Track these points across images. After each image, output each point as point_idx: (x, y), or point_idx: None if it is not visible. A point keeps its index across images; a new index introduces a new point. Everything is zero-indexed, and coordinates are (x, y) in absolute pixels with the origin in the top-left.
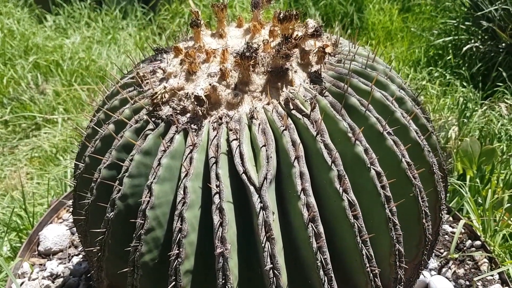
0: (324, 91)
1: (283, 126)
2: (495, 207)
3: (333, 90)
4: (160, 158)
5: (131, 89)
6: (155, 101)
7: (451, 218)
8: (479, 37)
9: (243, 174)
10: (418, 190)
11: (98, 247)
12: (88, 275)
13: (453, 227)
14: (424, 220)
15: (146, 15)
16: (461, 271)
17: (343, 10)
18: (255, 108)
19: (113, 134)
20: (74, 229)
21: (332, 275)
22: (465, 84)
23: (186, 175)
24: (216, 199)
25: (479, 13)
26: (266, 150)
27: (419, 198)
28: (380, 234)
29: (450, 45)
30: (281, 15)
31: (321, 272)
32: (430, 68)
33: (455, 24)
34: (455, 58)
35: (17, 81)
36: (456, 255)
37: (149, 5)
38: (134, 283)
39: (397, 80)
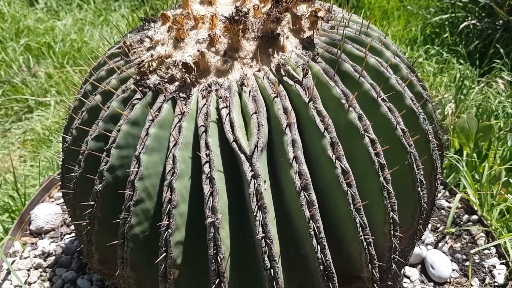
0: (317, 57)
1: (274, 93)
2: (492, 182)
3: (326, 56)
4: (148, 127)
5: (118, 59)
6: (142, 69)
7: (447, 193)
8: (476, 14)
9: (234, 142)
10: (413, 157)
11: (87, 221)
12: (80, 251)
13: (449, 202)
14: (419, 189)
15: None
16: (457, 245)
17: None
18: (246, 75)
19: (100, 105)
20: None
21: (325, 243)
22: (462, 61)
23: (175, 145)
24: (206, 168)
25: None
26: (257, 118)
27: (414, 166)
28: (374, 203)
29: (447, 23)
30: None
31: (314, 241)
32: (427, 46)
33: (452, 2)
34: (452, 36)
35: (9, 64)
36: (453, 230)
37: None
38: (124, 256)
39: (392, 47)
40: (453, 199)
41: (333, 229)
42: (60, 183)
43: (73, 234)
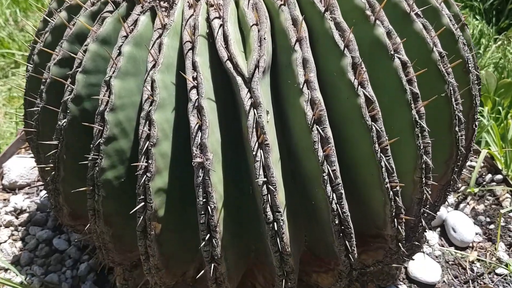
0: None
1: (281, 0)
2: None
3: None
4: (121, 45)
5: None
6: None
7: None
8: None
9: (228, 61)
10: (451, 89)
11: (52, 165)
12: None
13: (471, 161)
14: (457, 128)
15: None
16: (480, 207)
17: None
18: None
19: (65, 22)
20: None
21: (343, 191)
22: (478, 18)
23: (153, 66)
24: (193, 95)
25: None
26: (258, 30)
27: (453, 99)
28: (403, 142)
29: None
30: None
31: (328, 188)
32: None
33: None
34: None
35: None
36: (475, 190)
37: None
38: (95, 206)
39: None
40: (475, 157)
41: (351, 175)
42: (23, 119)
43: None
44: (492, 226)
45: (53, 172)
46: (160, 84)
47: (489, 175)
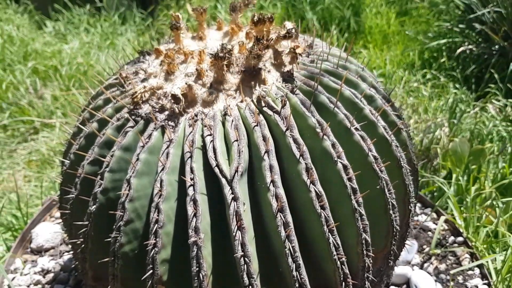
0: (295, 89)
1: (255, 122)
2: (480, 204)
3: (304, 89)
4: (139, 153)
5: (114, 89)
6: (135, 100)
7: (435, 215)
8: (473, 39)
9: (216, 167)
10: (384, 182)
11: (82, 239)
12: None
13: (436, 224)
14: (391, 212)
15: (144, 21)
16: (442, 266)
17: (340, 14)
18: (229, 105)
19: (96, 132)
20: None
21: (301, 262)
22: (458, 86)
23: (162, 169)
24: (190, 191)
25: (472, 16)
26: (238, 145)
27: (386, 190)
28: (347, 224)
29: (444, 47)
30: (255, 18)
31: (290, 259)
32: (425, 70)
33: (449, 27)
34: (449, 61)
35: (16, 86)
36: (438, 251)
37: (148, 11)
38: (115, 272)
39: (369, 79)
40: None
41: (310, 249)
42: (59, 203)
43: (71, 252)
44: (452, 283)
45: (83, 245)
46: (167, 182)
47: (452, 237)
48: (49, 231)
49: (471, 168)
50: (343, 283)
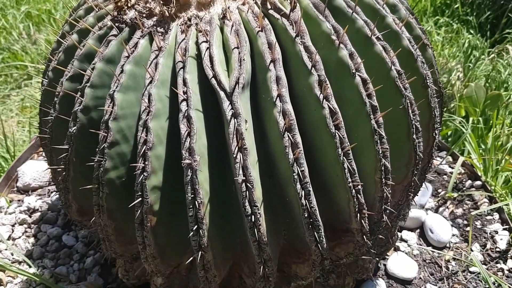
0: None
1: (259, 27)
2: (497, 149)
3: None
4: (123, 64)
5: None
6: (119, 4)
7: (450, 159)
8: None
9: (213, 78)
10: (408, 102)
11: (63, 166)
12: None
13: (452, 168)
14: (414, 136)
15: None
16: (459, 211)
17: None
18: (228, 7)
19: (76, 43)
20: None
21: (310, 189)
22: (472, 32)
23: (150, 82)
24: (183, 106)
25: None
26: (239, 53)
27: (410, 111)
28: (364, 148)
29: None
30: None
31: (298, 186)
32: (437, 17)
33: None
34: (463, 7)
35: (9, 31)
36: (454, 195)
37: None
38: (100, 202)
39: None
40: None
41: (320, 176)
42: (38, 127)
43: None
44: (468, 228)
45: (64, 173)
46: (156, 97)
47: (469, 181)
48: (37, 170)
49: (488, 113)
50: (358, 215)
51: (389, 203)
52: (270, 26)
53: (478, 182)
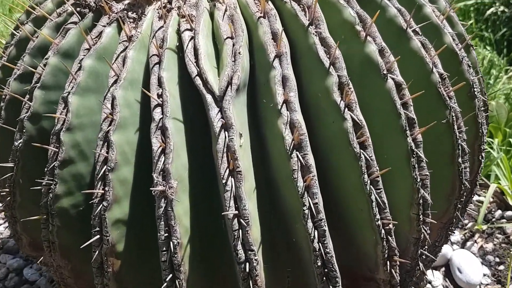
0: None
1: (260, 12)
2: None
3: None
4: (82, 59)
5: None
6: None
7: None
8: (504, 0)
9: (197, 77)
10: (453, 115)
11: (7, 189)
12: None
13: (479, 195)
14: (460, 159)
15: None
16: (489, 246)
17: None
18: None
19: (29, 35)
20: None
21: (326, 228)
22: (489, 48)
23: (115, 82)
24: (156, 114)
25: None
26: (234, 44)
27: (455, 126)
28: (397, 174)
29: (472, 9)
30: None
31: (309, 224)
32: None
33: None
34: (477, 24)
35: None
36: (484, 227)
37: None
38: (50, 237)
39: None
40: (484, 191)
41: (338, 208)
42: None
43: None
44: (501, 267)
45: (9, 198)
46: (122, 101)
47: (499, 211)
48: None
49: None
50: (387, 262)
51: (426, 247)
52: (275, 11)
53: (510, 213)
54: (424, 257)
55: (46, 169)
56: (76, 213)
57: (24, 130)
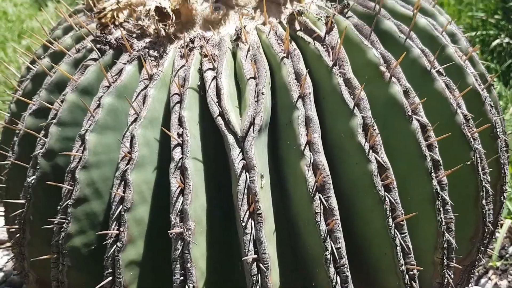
0: (347, 10)
1: (284, 52)
2: None
3: (360, 11)
4: (101, 96)
5: (80, 15)
6: (103, 20)
7: None
8: (509, 32)
9: (219, 117)
10: (478, 156)
11: (17, 226)
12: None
13: None
14: (484, 201)
15: None
16: (503, 284)
17: None
18: (244, 27)
19: (45, 69)
20: None
21: (348, 274)
22: (495, 80)
23: (135, 120)
24: (176, 153)
25: (510, 4)
26: (256, 84)
27: (479, 168)
28: (422, 217)
29: (477, 40)
30: None
31: (331, 270)
32: None
33: (483, 19)
34: (483, 55)
35: (7, 64)
36: (497, 263)
37: None
38: (60, 277)
39: (446, 15)
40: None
41: (360, 254)
42: None
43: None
44: None
45: (18, 234)
46: (141, 140)
47: None
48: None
49: None
50: None
51: None
52: (299, 51)
53: None
54: None
55: (59, 207)
56: (87, 252)
57: (37, 167)
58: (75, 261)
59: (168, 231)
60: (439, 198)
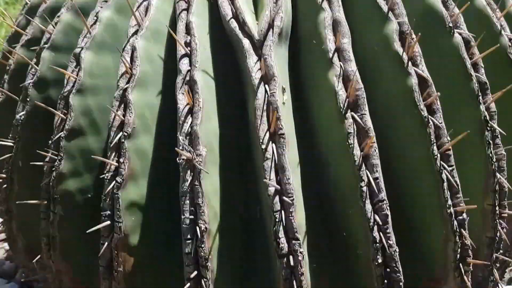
0: None
1: None
2: None
3: None
4: (99, 11)
5: None
6: None
7: None
8: None
9: (232, 20)
10: None
11: (4, 175)
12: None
13: None
14: None
15: None
16: None
17: None
18: None
19: None
20: None
21: (388, 212)
22: None
23: (136, 32)
24: (183, 65)
25: None
26: None
27: None
28: (467, 152)
29: None
30: None
31: (368, 206)
32: None
33: None
34: None
35: None
36: None
37: None
38: (50, 230)
39: None
40: None
41: (395, 197)
42: None
43: None
44: None
45: (6, 185)
46: (143, 54)
47: None
48: None
49: None
50: (460, 266)
51: (501, 250)
52: None
53: None
54: (498, 264)
55: (50, 141)
56: (83, 201)
57: (28, 99)
58: (68, 210)
59: (176, 150)
60: (489, 129)
